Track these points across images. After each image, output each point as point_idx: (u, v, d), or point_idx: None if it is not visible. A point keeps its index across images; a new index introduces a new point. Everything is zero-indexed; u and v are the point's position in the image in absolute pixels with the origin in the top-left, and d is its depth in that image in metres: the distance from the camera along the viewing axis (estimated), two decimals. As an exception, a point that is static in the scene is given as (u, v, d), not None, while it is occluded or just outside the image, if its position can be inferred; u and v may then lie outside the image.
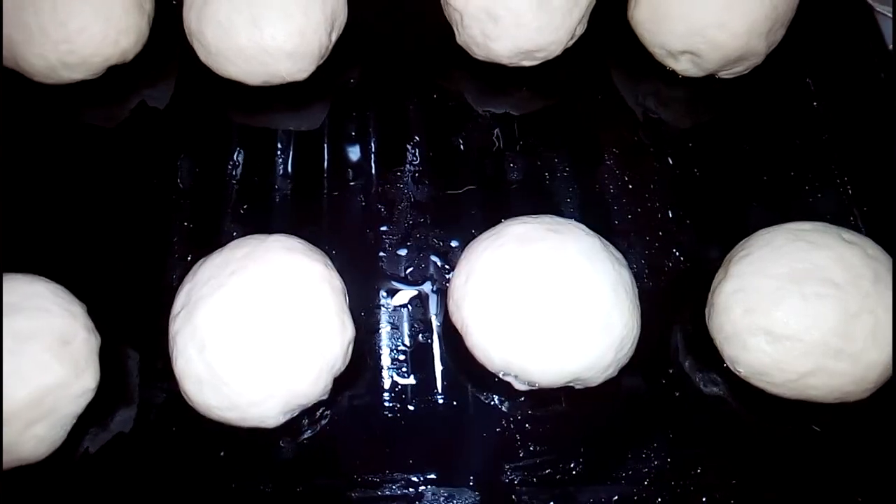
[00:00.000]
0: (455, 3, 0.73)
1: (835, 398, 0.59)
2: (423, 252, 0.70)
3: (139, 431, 0.61)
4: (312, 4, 0.71)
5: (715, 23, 0.71)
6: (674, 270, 0.69)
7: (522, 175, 0.73)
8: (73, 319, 0.58)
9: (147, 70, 0.78)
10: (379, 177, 0.73)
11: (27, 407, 0.54)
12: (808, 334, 0.57)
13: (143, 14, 0.74)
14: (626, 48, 0.79)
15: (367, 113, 0.77)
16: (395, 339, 0.66)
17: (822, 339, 0.56)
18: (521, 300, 0.56)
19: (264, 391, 0.55)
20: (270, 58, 0.71)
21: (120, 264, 0.68)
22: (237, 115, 0.77)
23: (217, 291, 0.56)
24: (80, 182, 0.72)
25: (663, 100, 0.77)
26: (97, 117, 0.76)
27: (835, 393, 0.58)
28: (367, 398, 0.63)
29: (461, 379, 0.64)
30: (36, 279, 0.60)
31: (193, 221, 0.71)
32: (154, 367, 0.63)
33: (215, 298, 0.56)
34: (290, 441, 0.61)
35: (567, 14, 0.72)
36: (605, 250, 0.59)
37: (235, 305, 0.56)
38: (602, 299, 0.56)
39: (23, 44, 0.70)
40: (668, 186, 0.72)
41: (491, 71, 0.78)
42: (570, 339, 0.55)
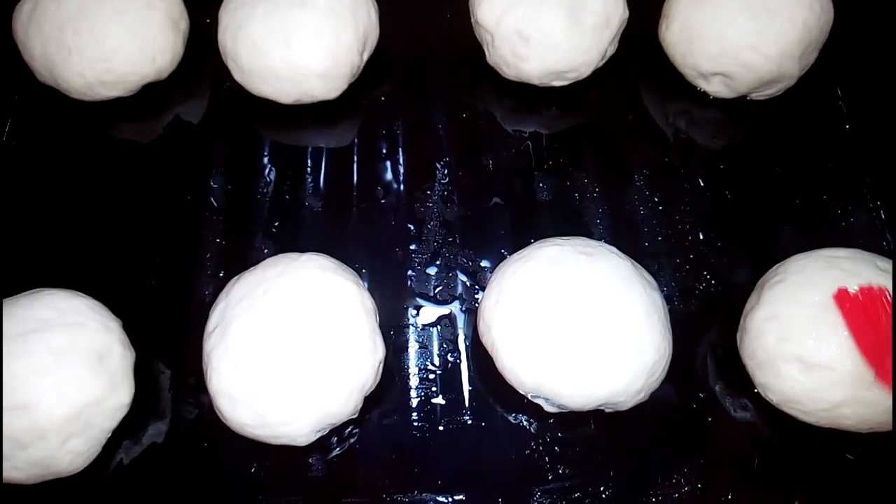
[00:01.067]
0: (486, 23, 0.73)
1: (867, 428, 0.58)
2: (451, 271, 0.70)
3: (171, 446, 0.62)
4: (345, 26, 0.72)
5: (748, 45, 0.70)
6: (704, 294, 0.68)
7: (551, 195, 0.74)
8: (110, 334, 0.59)
9: (181, 87, 0.79)
10: (408, 195, 0.74)
11: (65, 422, 0.55)
12: (841, 364, 0.56)
13: (179, 33, 0.76)
14: (657, 68, 0.79)
15: (396, 131, 0.78)
16: (424, 359, 0.66)
17: (855, 369, 0.56)
18: (553, 324, 0.56)
19: (296, 410, 0.55)
20: (303, 78, 0.72)
21: (153, 280, 0.69)
22: (268, 133, 0.78)
23: (251, 310, 0.57)
24: (114, 197, 0.74)
25: (694, 121, 0.77)
26: (132, 133, 0.78)
27: (867, 423, 0.57)
28: (396, 417, 0.63)
29: (490, 400, 0.64)
30: (73, 294, 0.61)
31: (225, 238, 0.71)
32: (186, 383, 0.64)
33: (249, 317, 0.57)
34: (319, 458, 0.61)
35: (598, 35, 0.72)
36: (637, 274, 0.59)
37: (269, 324, 0.56)
38: (634, 324, 0.56)
39: (61, 62, 0.71)
40: (699, 208, 0.72)
41: (520, 90, 0.78)
42: (602, 363, 0.55)
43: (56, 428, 0.55)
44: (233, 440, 0.60)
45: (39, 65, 0.72)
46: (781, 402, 0.60)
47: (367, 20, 0.74)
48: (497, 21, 0.72)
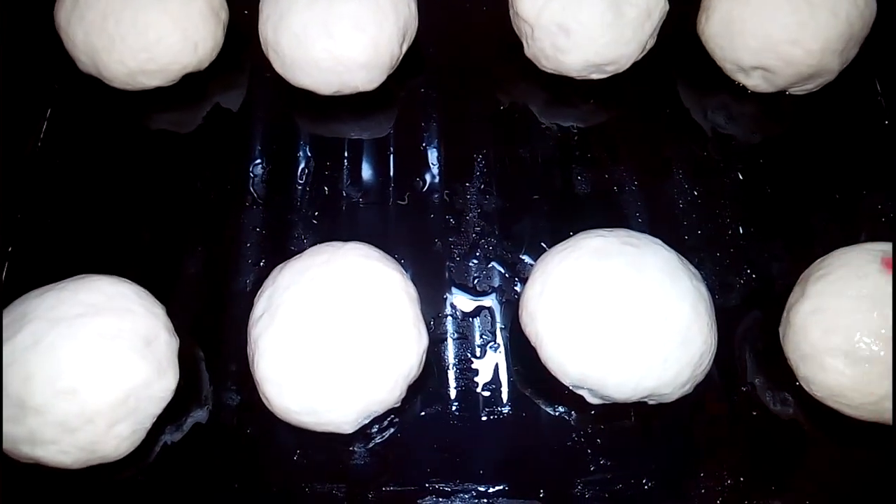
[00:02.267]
0: (526, 15, 0.73)
1: (914, 421, 0.58)
2: (490, 262, 0.70)
3: (213, 433, 0.62)
4: (386, 16, 0.72)
5: (789, 39, 0.70)
6: (745, 287, 0.68)
7: (590, 188, 0.74)
8: (156, 320, 0.59)
9: (219, 78, 0.80)
10: (446, 186, 0.74)
11: (113, 406, 0.55)
12: (887, 357, 0.56)
13: (219, 23, 0.76)
14: (695, 62, 0.79)
15: (433, 123, 0.78)
16: (463, 349, 0.66)
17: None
18: (600, 314, 0.56)
19: (343, 397, 0.56)
20: (344, 68, 0.72)
21: (193, 268, 0.70)
22: (306, 124, 0.78)
23: (298, 298, 0.57)
24: (154, 186, 0.74)
25: (732, 115, 0.77)
26: (171, 123, 0.78)
27: (914, 416, 0.57)
28: (437, 407, 0.63)
29: (530, 390, 0.64)
30: (119, 280, 0.61)
31: (265, 227, 0.72)
32: (227, 370, 0.65)
33: (296, 304, 0.57)
34: (361, 446, 0.61)
35: (639, 28, 0.72)
36: (683, 265, 0.59)
37: (316, 312, 0.57)
38: (681, 315, 0.56)
39: (104, 51, 0.72)
40: (739, 202, 0.72)
41: (557, 83, 0.78)
42: (649, 354, 0.55)
43: (104, 412, 0.55)
44: (275, 427, 0.61)
45: (82, 53, 0.73)
46: (826, 396, 0.59)
47: (407, 11, 0.74)
48: (538, 13, 0.72)
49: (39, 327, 0.55)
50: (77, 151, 0.76)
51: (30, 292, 0.60)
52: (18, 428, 0.54)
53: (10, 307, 0.59)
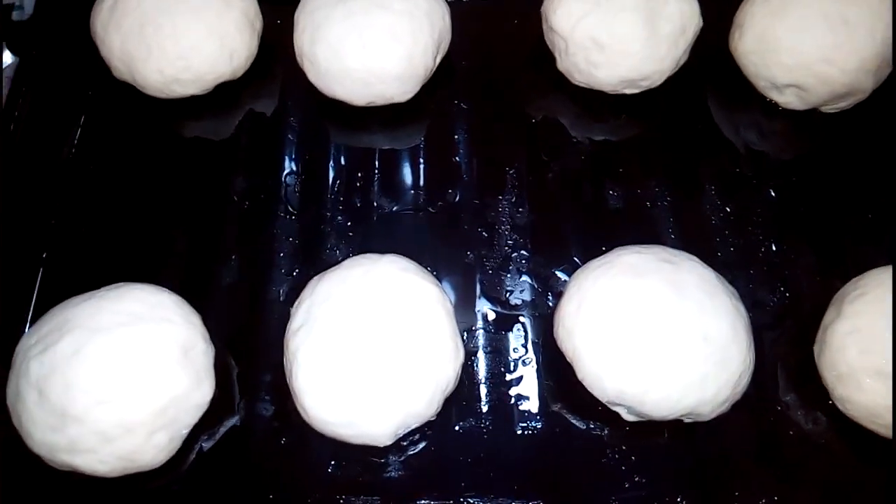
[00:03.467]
0: (560, 29, 0.73)
1: (951, 444, 0.58)
2: (522, 276, 0.70)
3: (247, 442, 0.62)
4: (421, 28, 0.72)
5: (825, 58, 0.70)
6: (778, 305, 0.68)
7: (622, 203, 0.74)
8: (194, 329, 0.60)
9: (251, 87, 0.80)
10: (478, 199, 0.74)
11: (152, 416, 0.55)
12: (926, 378, 0.56)
13: (254, 33, 0.76)
14: (726, 78, 0.79)
15: (465, 135, 0.78)
16: (496, 363, 0.66)
17: (943, 384, 0.55)
18: (639, 332, 0.56)
19: (381, 410, 0.56)
20: (378, 80, 0.72)
21: (227, 277, 0.70)
22: (338, 134, 0.78)
23: (336, 310, 0.57)
24: (187, 194, 0.74)
25: (764, 131, 0.77)
26: (204, 131, 0.78)
27: (952, 439, 0.57)
28: (471, 420, 0.63)
29: (563, 405, 0.64)
30: (158, 289, 0.61)
31: (298, 237, 0.72)
32: (261, 379, 0.65)
33: (335, 317, 0.57)
34: (395, 459, 0.61)
35: (674, 44, 0.72)
36: (721, 283, 0.59)
37: (355, 325, 0.57)
38: (721, 334, 0.56)
39: (141, 59, 0.72)
40: (771, 219, 0.72)
41: (589, 97, 0.78)
42: (689, 373, 0.55)
43: (144, 422, 0.55)
44: (309, 438, 0.61)
45: (118, 60, 0.73)
46: (862, 417, 0.59)
47: (441, 24, 0.74)
48: (572, 27, 0.72)
49: (81, 336, 0.56)
50: (111, 158, 0.76)
51: (70, 299, 0.60)
52: (58, 436, 0.55)
53: (51, 314, 0.60)
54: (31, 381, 0.55)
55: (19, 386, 0.56)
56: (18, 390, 0.56)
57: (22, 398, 0.56)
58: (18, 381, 0.56)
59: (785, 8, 0.72)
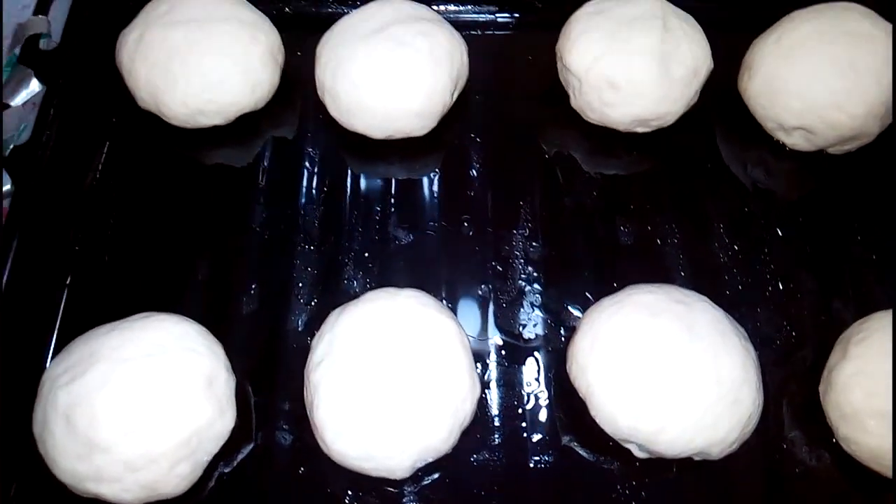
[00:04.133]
0: (575, 69, 0.75)
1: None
2: (535, 310, 0.72)
3: (266, 471, 0.64)
4: (441, 66, 0.74)
5: (833, 104, 0.72)
6: (784, 344, 0.70)
7: (632, 239, 0.75)
8: (217, 360, 0.61)
9: (271, 117, 0.82)
10: (492, 232, 0.76)
11: (177, 446, 0.57)
12: (930, 421, 0.58)
13: (277, 66, 0.78)
14: (734, 117, 0.81)
15: (479, 168, 0.80)
16: (509, 397, 0.68)
17: (947, 427, 0.57)
18: (654, 371, 0.58)
19: (399, 444, 0.57)
20: (398, 115, 0.74)
21: (245, 306, 0.71)
22: (356, 165, 0.80)
23: (358, 345, 0.59)
24: (208, 223, 0.76)
25: (771, 171, 0.79)
26: (224, 160, 0.80)
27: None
28: (484, 453, 0.65)
29: (574, 439, 0.65)
30: (182, 319, 0.63)
31: (317, 267, 0.73)
32: (280, 409, 0.66)
33: (356, 352, 0.59)
34: (411, 490, 0.63)
35: (686, 86, 0.74)
36: (732, 324, 0.61)
37: (376, 360, 0.58)
38: (733, 375, 0.57)
39: (167, 91, 0.74)
40: (778, 258, 0.74)
41: (602, 133, 0.80)
42: (702, 414, 0.56)
43: (168, 452, 0.57)
44: (328, 468, 0.62)
45: (144, 92, 0.75)
46: (866, 457, 0.61)
47: (460, 61, 0.76)
48: (587, 68, 0.74)
49: (108, 367, 0.57)
50: (133, 186, 0.78)
51: (96, 329, 0.62)
52: (84, 465, 0.56)
53: (76, 343, 0.61)
54: (59, 410, 0.57)
55: (46, 415, 0.57)
56: (46, 419, 0.57)
57: (49, 427, 0.57)
58: (46, 410, 0.58)
59: (794, 52, 0.74)
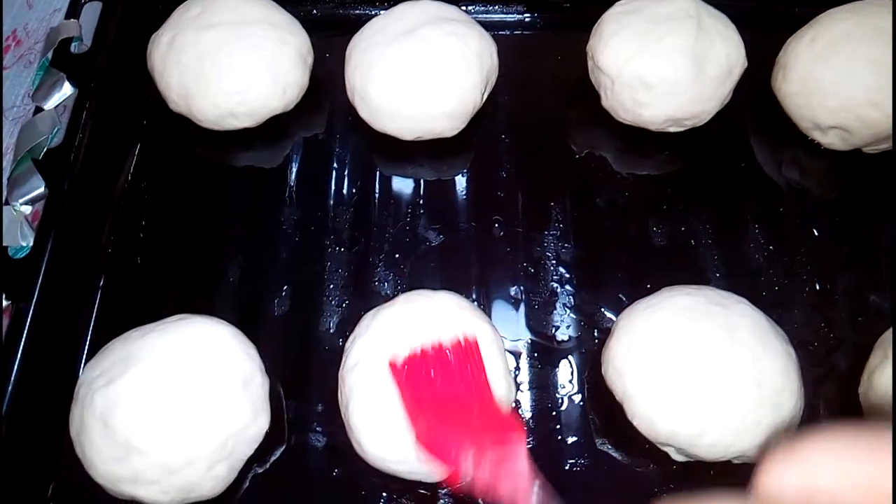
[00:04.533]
0: (608, 69, 0.75)
1: None
2: (567, 311, 0.71)
3: (300, 473, 0.64)
4: (471, 67, 0.73)
5: (869, 101, 0.71)
6: (822, 346, 0.69)
7: (666, 240, 0.75)
8: (252, 362, 0.61)
9: (300, 119, 0.82)
10: (523, 233, 0.75)
11: (214, 449, 0.57)
12: (976, 425, 0.56)
13: (306, 67, 0.78)
14: (768, 116, 0.80)
15: (509, 169, 0.79)
16: (543, 399, 0.67)
17: None
18: (693, 375, 0.57)
19: (437, 448, 0.57)
20: (428, 117, 0.74)
21: (277, 308, 0.71)
22: (385, 166, 0.80)
23: (395, 347, 0.59)
24: (239, 224, 0.76)
25: (806, 170, 0.78)
26: (255, 161, 0.80)
27: None
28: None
29: (610, 441, 0.65)
30: (217, 322, 0.63)
31: (347, 269, 0.73)
32: (313, 411, 0.66)
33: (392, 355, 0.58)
34: (445, 492, 0.62)
35: (720, 85, 0.73)
36: (772, 327, 0.60)
37: (412, 363, 0.58)
38: (774, 379, 0.57)
39: (198, 94, 0.74)
40: (815, 259, 0.73)
41: (632, 133, 0.79)
42: (743, 418, 0.56)
43: (206, 454, 0.56)
44: (362, 470, 0.62)
45: (175, 94, 0.75)
46: (909, 461, 0.60)
47: (490, 62, 0.76)
48: (620, 67, 0.74)
49: (145, 370, 0.57)
50: (164, 188, 0.78)
51: (131, 331, 0.62)
52: (122, 467, 0.56)
53: (112, 346, 0.61)
54: (97, 413, 0.57)
55: (84, 417, 0.58)
56: (83, 421, 0.58)
57: (87, 429, 0.57)
58: (83, 413, 0.58)
59: (829, 51, 0.73)
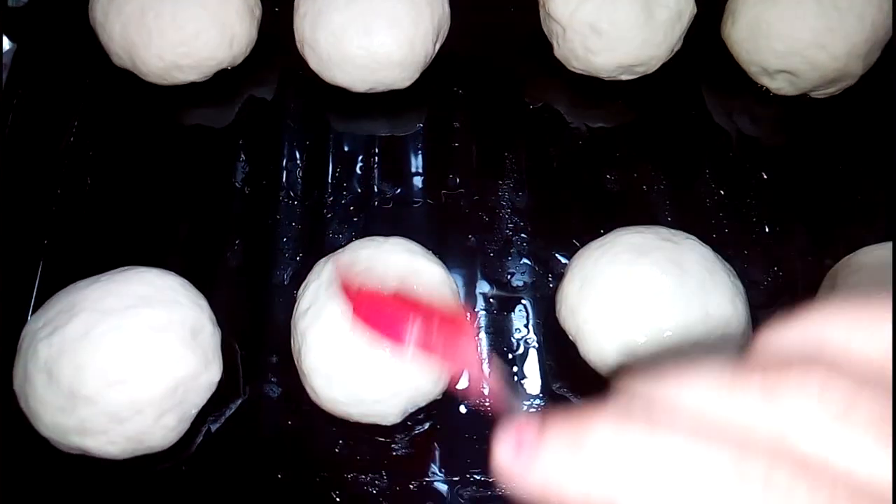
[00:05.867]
0: (558, 16, 0.75)
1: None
2: (523, 259, 0.71)
3: (254, 424, 0.63)
4: (422, 15, 0.73)
5: (815, 43, 0.72)
6: (772, 284, 0.70)
7: (619, 186, 0.75)
8: (201, 312, 0.60)
9: (250, 75, 0.80)
10: (478, 184, 0.75)
11: (162, 396, 0.56)
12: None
13: (254, 20, 0.77)
14: (719, 65, 0.80)
15: (463, 121, 0.79)
16: (499, 344, 0.67)
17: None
18: (642, 307, 0.57)
19: (390, 388, 0.57)
20: (379, 66, 0.73)
21: (230, 261, 0.70)
22: (338, 121, 0.79)
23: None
24: (188, 180, 0.75)
25: (756, 116, 0.79)
26: (204, 119, 0.78)
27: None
28: (476, 400, 0.64)
29: (564, 383, 0.65)
30: (165, 272, 0.62)
31: (301, 222, 0.72)
32: (267, 362, 0.65)
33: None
34: (401, 438, 0.62)
35: (670, 30, 0.74)
36: (720, 262, 0.61)
37: (363, 304, 0.57)
38: (722, 309, 0.57)
39: (142, 45, 0.72)
40: (764, 202, 0.74)
41: (586, 84, 0.79)
42: (692, 347, 0.56)
43: (154, 402, 0.56)
44: (317, 419, 0.62)
45: (119, 47, 0.73)
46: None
47: (440, 10, 0.75)
48: (570, 14, 0.74)
49: (90, 318, 0.56)
50: (110, 145, 0.76)
51: (76, 283, 0.61)
52: (69, 418, 0.55)
53: (57, 297, 0.60)
54: (40, 363, 0.55)
55: (27, 369, 0.56)
56: (27, 373, 0.56)
57: (31, 381, 0.56)
58: (27, 365, 0.56)
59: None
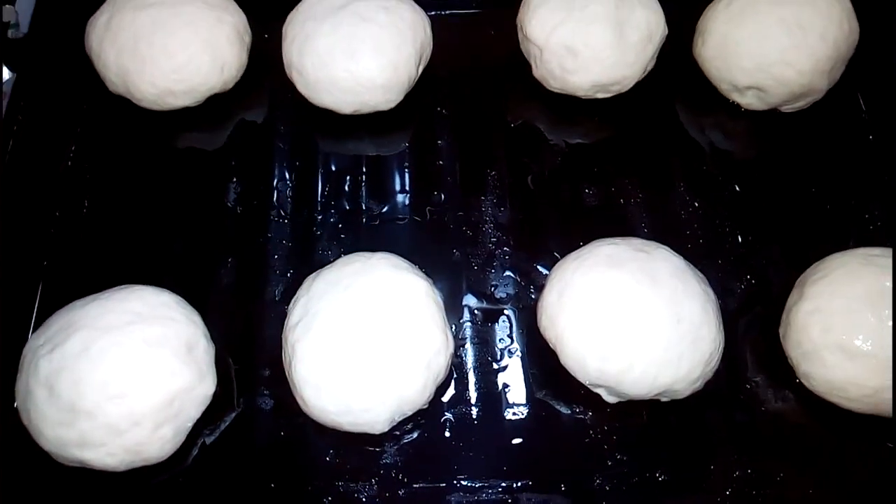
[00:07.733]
0: (535, 38, 0.78)
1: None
2: (506, 271, 0.74)
3: (248, 435, 0.65)
4: (404, 39, 0.76)
5: (782, 61, 0.75)
6: (745, 292, 0.72)
7: (597, 200, 0.78)
8: (195, 328, 0.62)
9: (242, 98, 0.83)
10: (462, 200, 0.78)
11: (159, 409, 0.58)
12: (882, 351, 0.60)
13: (244, 46, 0.80)
14: (691, 82, 0.84)
15: (447, 140, 0.82)
16: (483, 354, 0.70)
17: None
18: (617, 316, 0.60)
19: (377, 398, 0.59)
20: (364, 89, 0.76)
21: (223, 279, 0.73)
22: (326, 142, 0.82)
23: (333, 305, 0.61)
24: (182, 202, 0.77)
25: (728, 131, 0.82)
26: (197, 142, 0.81)
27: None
28: (461, 407, 0.67)
29: (548, 391, 0.68)
30: (160, 290, 0.64)
31: (292, 240, 0.75)
32: (260, 375, 0.68)
33: (332, 311, 0.60)
34: (391, 446, 0.65)
35: (642, 50, 0.77)
36: (691, 270, 0.63)
37: (351, 318, 0.60)
38: (693, 316, 0.60)
39: (136, 72, 0.75)
40: (737, 213, 0.77)
41: (564, 102, 0.82)
42: (665, 353, 0.59)
43: (150, 414, 0.58)
44: (308, 430, 0.64)
45: (113, 74, 0.76)
46: (826, 391, 0.64)
47: (423, 35, 0.78)
48: (547, 36, 0.77)
49: (89, 335, 0.58)
50: (107, 169, 0.79)
51: (73, 302, 0.63)
52: (69, 431, 0.57)
53: (57, 315, 0.62)
54: (41, 379, 0.58)
55: (29, 384, 0.58)
56: (28, 389, 0.58)
57: (32, 396, 0.58)
58: (28, 380, 0.59)
59: (743, 15, 0.77)
